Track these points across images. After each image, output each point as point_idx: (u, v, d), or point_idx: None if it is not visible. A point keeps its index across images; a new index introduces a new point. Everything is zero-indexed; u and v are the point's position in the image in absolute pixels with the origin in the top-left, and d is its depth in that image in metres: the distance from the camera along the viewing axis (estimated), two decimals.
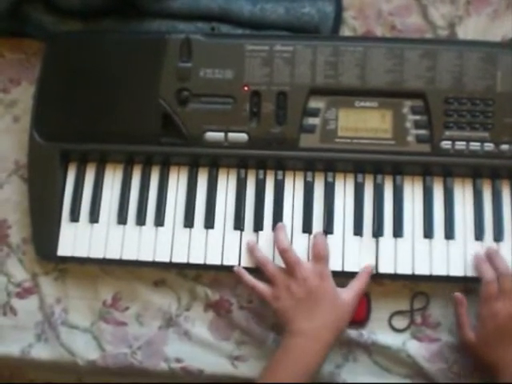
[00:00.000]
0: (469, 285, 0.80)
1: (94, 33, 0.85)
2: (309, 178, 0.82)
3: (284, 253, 0.76)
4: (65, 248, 0.82)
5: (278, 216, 0.81)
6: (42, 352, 0.83)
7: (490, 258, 0.78)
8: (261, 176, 0.82)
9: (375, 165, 0.81)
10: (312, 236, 0.80)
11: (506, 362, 0.74)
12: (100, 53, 0.83)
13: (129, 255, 0.81)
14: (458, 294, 0.78)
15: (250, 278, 0.78)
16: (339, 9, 0.88)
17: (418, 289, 0.82)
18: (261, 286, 0.77)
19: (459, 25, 0.89)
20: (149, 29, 0.86)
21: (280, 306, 0.75)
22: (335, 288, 0.76)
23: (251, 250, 0.79)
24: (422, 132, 0.80)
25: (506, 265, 0.76)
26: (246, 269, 0.79)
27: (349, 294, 0.76)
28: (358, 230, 0.80)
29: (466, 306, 0.77)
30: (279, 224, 0.80)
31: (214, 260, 0.80)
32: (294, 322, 0.74)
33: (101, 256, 0.81)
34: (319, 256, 0.76)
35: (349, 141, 0.80)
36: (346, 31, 0.89)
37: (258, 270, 0.79)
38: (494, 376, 0.75)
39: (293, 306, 0.75)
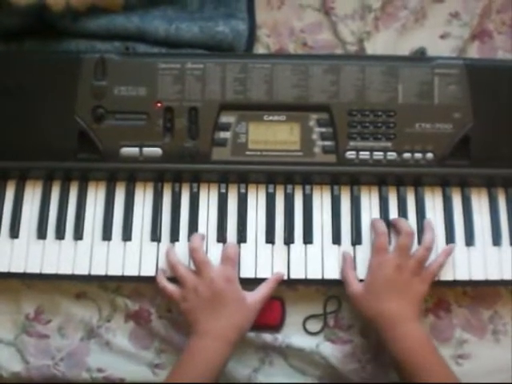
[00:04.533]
0: None
1: (11, 52, 0.88)
2: (222, 190, 0.85)
3: (194, 252, 0.79)
4: None
5: (193, 226, 0.84)
6: None
7: (395, 222, 0.82)
8: (176, 189, 0.85)
9: (285, 175, 0.84)
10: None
11: (388, 314, 0.76)
12: (18, 72, 0.85)
13: (49, 269, 0.83)
14: (344, 251, 0.82)
15: (161, 279, 0.80)
16: (252, 27, 0.92)
17: (330, 293, 0.86)
18: (170, 286, 0.80)
19: (368, 40, 0.94)
20: (67, 48, 0.89)
21: (187, 306, 0.78)
22: (241, 291, 0.79)
23: (166, 253, 0.82)
24: (328, 143, 0.84)
25: (409, 226, 0.81)
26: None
27: (254, 296, 0.79)
28: (269, 238, 0.83)
29: (351, 260, 0.81)
30: (200, 232, 0.83)
31: (132, 271, 0.82)
32: (199, 322, 0.76)
33: (21, 270, 0.83)
34: (228, 259, 0.79)
35: (259, 153, 0.84)
36: (260, 49, 0.93)
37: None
38: (376, 328, 0.77)
39: (199, 306, 0.77)
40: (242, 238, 0.83)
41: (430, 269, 0.80)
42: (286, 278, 0.82)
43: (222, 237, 0.83)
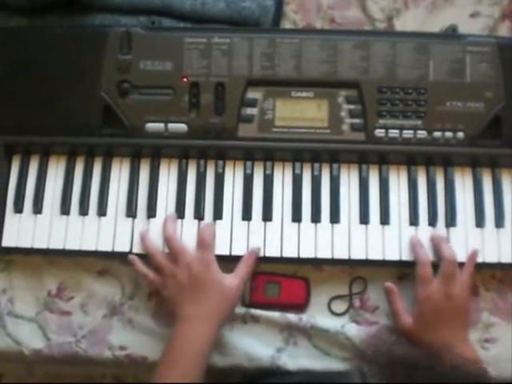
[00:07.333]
0: (403, 270, 0.82)
1: (36, 27, 0.87)
2: (248, 168, 0.83)
3: (168, 240, 0.79)
4: (9, 239, 0.83)
5: (218, 204, 0.82)
6: None
7: (436, 241, 0.80)
8: (201, 166, 0.84)
9: (312, 153, 0.83)
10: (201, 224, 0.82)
11: (441, 342, 0.75)
12: (42, 47, 0.84)
13: (72, 245, 0.82)
14: (388, 284, 0.80)
15: (141, 267, 0.81)
16: (279, 2, 0.90)
17: (356, 274, 0.84)
18: (151, 274, 0.80)
19: (397, 17, 0.92)
20: (92, 23, 0.88)
21: (168, 293, 0.78)
22: (220, 274, 0.78)
23: (142, 240, 0.81)
24: (357, 121, 0.82)
25: (451, 249, 0.79)
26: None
27: (233, 278, 0.78)
28: (296, 217, 0.82)
29: (397, 293, 0.80)
30: (171, 213, 0.82)
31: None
32: (181, 307, 0.76)
33: (44, 246, 0.82)
34: (203, 243, 0.79)
35: (286, 130, 0.82)
36: (286, 25, 0.91)
37: None
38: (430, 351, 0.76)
39: (179, 292, 0.77)
40: (267, 216, 0.82)
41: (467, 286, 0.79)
42: (312, 256, 0.81)
43: (247, 215, 0.82)
